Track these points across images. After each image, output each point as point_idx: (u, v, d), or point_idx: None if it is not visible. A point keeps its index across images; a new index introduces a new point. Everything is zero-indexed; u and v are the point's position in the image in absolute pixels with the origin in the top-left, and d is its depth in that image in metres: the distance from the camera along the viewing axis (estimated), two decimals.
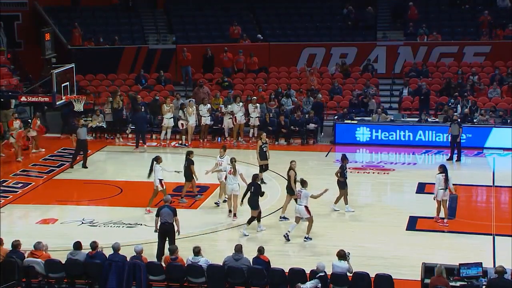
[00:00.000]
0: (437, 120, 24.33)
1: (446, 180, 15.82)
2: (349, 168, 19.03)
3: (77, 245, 12.73)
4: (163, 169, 16.73)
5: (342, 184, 16.67)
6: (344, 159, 16.96)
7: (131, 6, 31.27)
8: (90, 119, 24.26)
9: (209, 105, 24.38)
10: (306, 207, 14.98)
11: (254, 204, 15.43)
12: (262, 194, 15.53)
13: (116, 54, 28.80)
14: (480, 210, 17.30)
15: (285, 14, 30.95)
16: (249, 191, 15.47)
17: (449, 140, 21.71)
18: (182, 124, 23.59)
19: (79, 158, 20.96)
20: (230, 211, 16.59)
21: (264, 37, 29.56)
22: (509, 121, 23.83)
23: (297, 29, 30.14)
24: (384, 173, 19.51)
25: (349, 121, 24.17)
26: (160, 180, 16.64)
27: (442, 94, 26.25)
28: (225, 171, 16.60)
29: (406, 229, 15.84)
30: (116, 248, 12.55)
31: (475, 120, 23.89)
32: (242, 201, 15.86)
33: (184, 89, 28.10)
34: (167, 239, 13.89)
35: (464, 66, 27.84)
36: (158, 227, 14.00)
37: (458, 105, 24.86)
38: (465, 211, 16.95)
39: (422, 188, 18.43)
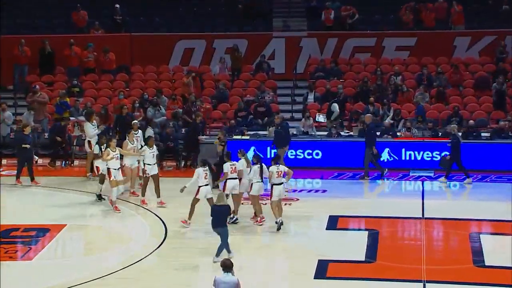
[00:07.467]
0: (351, 133, 24.73)
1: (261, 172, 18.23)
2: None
3: None
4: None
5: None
6: None
7: None
8: None
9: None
10: None
11: None
12: None
13: None
14: (406, 250, 17.61)
15: None
16: None
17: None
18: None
19: None
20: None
21: (125, 27, 29.48)
22: (440, 134, 24.62)
23: (169, 17, 30.28)
24: (284, 204, 19.52)
25: (238, 137, 24.34)
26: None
27: (357, 100, 26.78)
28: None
29: (315, 277, 15.86)
30: None
31: (398, 134, 24.57)
32: None
33: (13, 96, 27.64)
34: None
35: (384, 63, 28.68)
36: None
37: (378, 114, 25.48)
38: (388, 251, 17.25)
39: (334, 223, 18.66)
